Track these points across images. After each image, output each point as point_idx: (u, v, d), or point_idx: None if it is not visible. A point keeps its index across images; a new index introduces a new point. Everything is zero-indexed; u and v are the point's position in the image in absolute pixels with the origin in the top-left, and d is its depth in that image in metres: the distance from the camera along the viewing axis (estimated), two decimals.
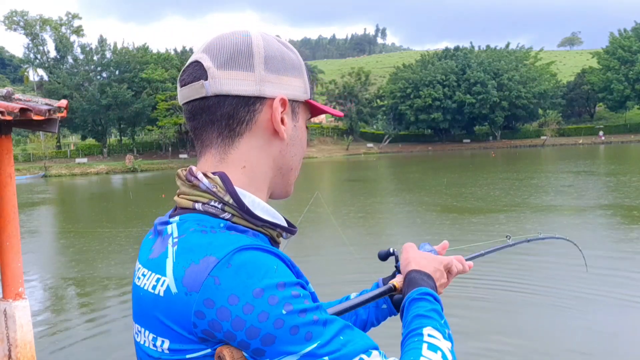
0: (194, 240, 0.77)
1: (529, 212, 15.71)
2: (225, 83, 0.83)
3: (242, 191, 0.85)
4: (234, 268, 0.71)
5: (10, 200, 4.88)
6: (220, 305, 0.69)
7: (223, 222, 0.81)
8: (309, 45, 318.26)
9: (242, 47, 0.85)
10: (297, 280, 0.75)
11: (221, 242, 0.75)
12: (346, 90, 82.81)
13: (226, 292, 0.69)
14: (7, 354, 4.83)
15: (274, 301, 0.69)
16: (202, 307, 0.70)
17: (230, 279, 0.70)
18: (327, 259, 10.85)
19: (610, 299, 7.46)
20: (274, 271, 0.72)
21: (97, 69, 74.20)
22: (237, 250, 0.73)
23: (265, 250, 0.76)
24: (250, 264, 0.72)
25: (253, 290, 0.69)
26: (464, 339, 5.97)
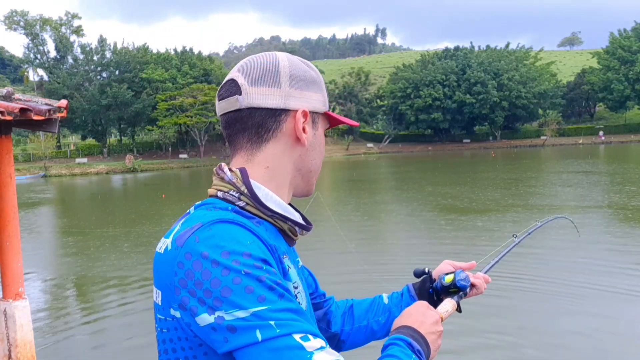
0: (198, 213, 0.93)
1: (529, 212, 15.70)
2: (256, 97, 0.98)
3: (259, 185, 0.99)
4: (213, 232, 0.84)
5: (10, 200, 4.88)
6: (196, 259, 0.82)
7: (233, 207, 0.95)
8: (309, 45, 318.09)
9: (270, 67, 1.00)
10: (265, 258, 0.85)
11: (213, 215, 0.90)
12: (346, 90, 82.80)
13: (201, 248, 0.82)
14: (7, 354, 4.83)
15: (237, 263, 0.81)
16: (183, 258, 0.83)
17: (207, 239, 0.83)
18: (327, 259, 10.84)
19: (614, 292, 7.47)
20: (245, 244, 0.84)
21: (97, 69, 74.24)
22: (220, 221, 0.87)
23: (246, 228, 0.88)
24: (227, 232, 0.85)
25: (222, 251, 0.81)
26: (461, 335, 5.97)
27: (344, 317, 1.35)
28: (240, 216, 0.93)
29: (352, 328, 1.32)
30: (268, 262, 0.85)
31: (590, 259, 9.74)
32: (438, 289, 1.27)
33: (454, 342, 5.85)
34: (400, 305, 1.31)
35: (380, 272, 9.30)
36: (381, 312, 1.33)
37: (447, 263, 1.34)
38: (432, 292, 1.30)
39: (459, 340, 5.98)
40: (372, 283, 8.54)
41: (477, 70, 77.83)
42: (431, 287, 1.30)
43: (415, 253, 11.42)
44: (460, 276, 1.24)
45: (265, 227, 0.97)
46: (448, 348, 5.63)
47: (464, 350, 5.89)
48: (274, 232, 0.99)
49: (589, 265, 9.24)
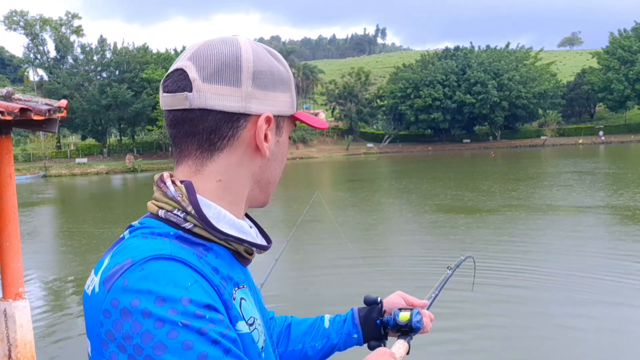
0: (131, 243, 0.77)
1: (528, 212, 15.71)
2: (210, 98, 0.80)
3: (208, 202, 0.83)
4: (145, 273, 0.69)
5: (10, 200, 4.88)
6: (124, 307, 0.67)
7: (176, 231, 0.80)
8: (309, 45, 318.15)
9: (230, 60, 0.82)
10: (210, 303, 0.70)
11: (147, 247, 0.74)
12: (346, 90, 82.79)
13: (131, 294, 0.68)
14: (7, 354, 4.83)
15: (173, 313, 0.66)
16: (110, 306, 0.69)
17: (138, 282, 0.69)
18: (328, 259, 10.85)
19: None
20: (185, 287, 0.69)
21: (97, 69, 74.24)
22: (154, 257, 0.72)
23: (188, 265, 0.73)
24: (162, 272, 0.70)
25: (156, 298, 0.67)
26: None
27: (280, 337, 1.21)
28: (181, 247, 0.76)
29: (286, 350, 1.19)
30: (213, 308, 0.71)
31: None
32: (388, 324, 1.19)
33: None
34: (340, 332, 1.21)
35: (379, 271, 9.30)
36: (320, 336, 1.21)
37: (399, 295, 1.25)
38: (380, 324, 1.20)
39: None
40: (370, 284, 8.54)
41: (477, 70, 77.84)
42: (380, 319, 1.20)
43: (415, 252, 11.42)
44: (417, 317, 1.17)
45: (216, 252, 0.82)
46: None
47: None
48: (227, 257, 0.84)
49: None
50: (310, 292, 8.72)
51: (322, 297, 8.37)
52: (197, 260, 0.76)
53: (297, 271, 10.05)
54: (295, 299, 8.27)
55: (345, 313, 1.25)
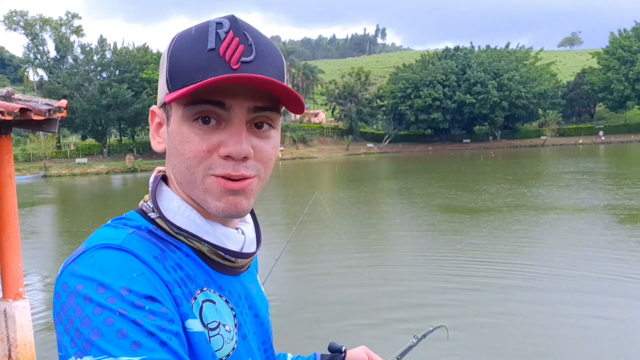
0: (99, 231, 0.78)
1: (528, 212, 15.72)
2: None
3: (173, 195, 0.82)
4: (93, 260, 0.70)
5: (10, 200, 4.89)
6: (71, 291, 0.68)
7: (148, 226, 0.80)
8: (309, 45, 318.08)
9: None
10: (152, 295, 0.69)
11: (104, 236, 0.74)
12: (346, 90, 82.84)
13: (77, 280, 0.69)
14: (7, 354, 4.84)
15: (112, 301, 0.67)
16: (60, 288, 0.70)
17: (85, 268, 0.69)
18: (328, 259, 10.85)
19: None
20: (127, 278, 0.69)
21: (97, 69, 74.26)
22: (105, 246, 0.72)
23: (137, 257, 0.72)
24: (108, 261, 0.70)
25: (98, 285, 0.67)
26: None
27: None
28: (141, 239, 0.76)
29: None
30: (156, 300, 0.69)
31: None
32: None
33: None
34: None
35: (379, 272, 9.30)
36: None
37: (364, 350, 1.23)
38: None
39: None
40: (370, 283, 8.55)
41: (477, 70, 77.87)
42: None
43: (415, 252, 11.43)
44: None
45: (186, 252, 0.80)
46: None
47: None
48: (196, 261, 0.80)
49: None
50: (310, 292, 8.73)
51: (322, 297, 8.37)
52: (155, 255, 0.75)
53: (297, 271, 10.05)
54: (295, 298, 8.27)
55: (308, 356, 1.23)
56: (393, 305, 7.62)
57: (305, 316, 7.41)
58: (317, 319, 7.32)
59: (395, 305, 7.58)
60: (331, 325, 6.98)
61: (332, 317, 7.33)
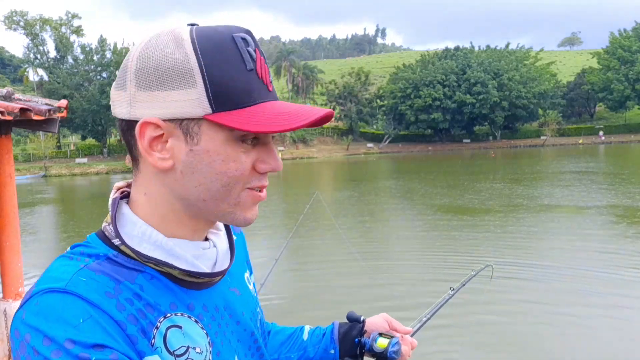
0: (53, 264, 0.75)
1: (527, 212, 15.72)
2: (114, 105, 0.77)
3: (135, 219, 0.78)
4: (38, 307, 0.67)
5: (10, 200, 4.89)
6: (21, 339, 0.67)
7: (107, 252, 0.76)
8: (309, 45, 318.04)
9: (125, 61, 0.76)
10: (98, 343, 0.66)
11: (52, 275, 0.71)
12: (346, 90, 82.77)
13: (26, 328, 0.67)
14: (7, 354, 4.83)
15: (57, 355, 0.64)
16: (12, 334, 0.69)
17: (31, 316, 0.67)
18: (328, 259, 10.85)
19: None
20: (73, 325, 0.66)
21: (97, 68, 74.21)
22: (50, 290, 0.68)
23: (83, 299, 0.68)
24: (53, 309, 0.67)
25: (43, 338, 0.65)
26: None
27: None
28: (93, 274, 0.71)
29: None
30: (105, 346, 0.66)
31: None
32: (365, 347, 1.18)
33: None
34: (317, 346, 1.19)
35: (378, 270, 9.30)
36: (296, 348, 1.19)
37: (384, 318, 1.23)
38: (357, 343, 1.19)
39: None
40: (369, 280, 8.55)
41: (477, 70, 77.81)
42: (358, 338, 1.19)
43: (415, 253, 11.42)
44: (394, 347, 1.14)
45: (150, 275, 0.76)
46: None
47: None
48: (161, 282, 0.77)
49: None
50: (310, 292, 8.73)
51: (321, 297, 8.37)
52: (107, 291, 0.71)
53: (297, 271, 10.05)
54: (294, 298, 8.27)
55: (326, 327, 1.23)
56: (393, 305, 7.62)
57: (306, 316, 7.41)
58: (317, 319, 7.31)
59: (396, 306, 7.58)
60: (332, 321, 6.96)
61: (332, 317, 7.32)
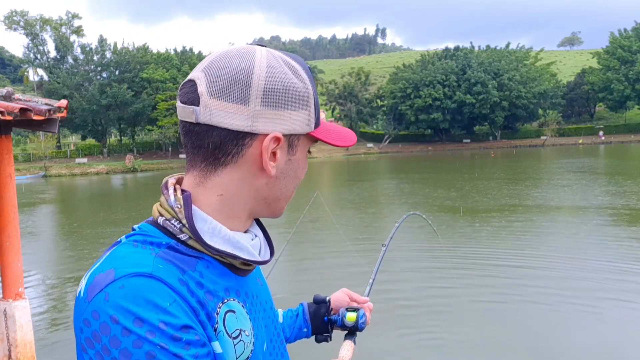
0: (120, 250, 0.78)
1: (527, 213, 15.71)
2: (216, 114, 0.79)
3: (205, 216, 0.83)
4: (125, 290, 0.71)
5: (10, 200, 4.88)
6: (104, 321, 0.70)
7: (169, 241, 0.81)
8: (309, 45, 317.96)
9: (240, 76, 0.79)
10: (187, 324, 0.72)
11: (131, 261, 0.75)
12: (346, 90, 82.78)
13: (111, 310, 0.70)
14: (7, 354, 4.83)
15: (152, 335, 0.69)
16: (90, 316, 0.71)
17: (118, 299, 0.70)
18: (328, 259, 10.85)
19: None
20: (163, 308, 0.71)
21: (97, 69, 74.23)
22: (136, 275, 0.73)
23: (166, 284, 0.73)
24: (142, 292, 0.71)
25: (135, 318, 0.69)
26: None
27: None
28: (164, 262, 0.77)
29: None
30: (191, 328, 0.73)
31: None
32: (335, 323, 1.27)
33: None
34: (293, 327, 1.30)
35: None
36: None
37: (344, 293, 1.33)
38: (327, 321, 1.29)
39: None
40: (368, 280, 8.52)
41: (477, 70, 77.82)
42: (327, 316, 1.30)
43: (415, 252, 11.42)
44: (362, 319, 1.25)
45: (207, 262, 0.82)
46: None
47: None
48: (218, 268, 0.84)
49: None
50: (310, 292, 8.69)
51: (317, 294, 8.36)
52: (179, 277, 0.77)
53: (296, 271, 10.05)
54: (294, 299, 8.26)
55: (296, 308, 1.35)
56: (394, 305, 7.62)
57: None
58: None
59: (396, 306, 7.58)
60: None
61: None
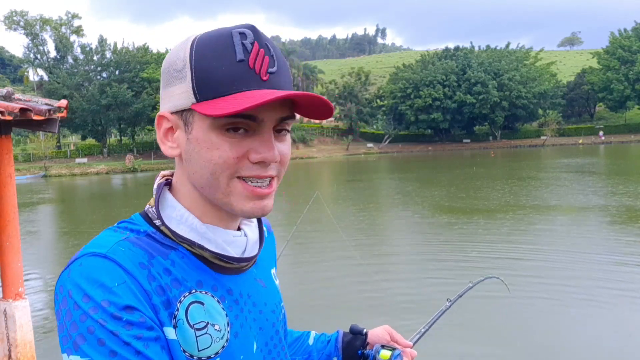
0: (100, 234, 0.84)
1: (527, 212, 15.71)
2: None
3: (175, 204, 0.86)
4: (82, 268, 0.75)
5: (10, 200, 4.88)
6: (64, 295, 0.75)
7: (147, 229, 0.84)
8: (309, 45, 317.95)
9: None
10: (131, 304, 0.74)
11: (97, 242, 0.80)
12: (346, 90, 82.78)
13: (69, 285, 0.75)
14: (7, 354, 4.83)
15: (94, 311, 0.72)
16: (57, 289, 0.77)
17: (75, 276, 0.75)
18: (327, 259, 10.85)
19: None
20: (109, 288, 0.74)
21: (97, 69, 74.18)
22: (93, 254, 0.77)
23: (119, 265, 0.76)
24: (93, 271, 0.75)
25: (83, 295, 0.73)
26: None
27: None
28: (131, 246, 0.80)
29: None
30: (135, 309, 0.74)
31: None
32: (368, 358, 1.24)
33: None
34: (322, 352, 1.25)
35: (377, 270, 9.30)
36: (302, 351, 1.24)
37: (386, 330, 1.28)
38: (360, 355, 1.25)
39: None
40: (369, 282, 8.54)
41: (478, 71, 77.82)
42: (361, 350, 1.26)
43: (415, 253, 11.42)
44: (397, 359, 1.21)
45: (181, 254, 0.83)
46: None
47: None
48: (192, 261, 0.84)
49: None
50: (310, 292, 8.72)
51: (321, 297, 8.37)
52: (141, 262, 0.79)
53: (296, 271, 10.05)
54: (294, 299, 8.27)
55: (330, 334, 1.28)
56: (395, 306, 7.62)
57: (306, 315, 7.41)
58: (317, 318, 7.31)
59: (396, 306, 7.58)
60: (331, 324, 6.97)
61: (332, 316, 7.33)
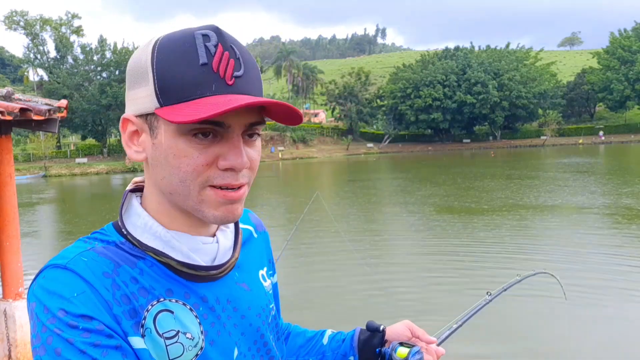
0: (74, 244, 0.82)
1: (527, 213, 15.72)
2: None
3: (140, 212, 0.85)
4: (43, 281, 0.76)
5: (10, 200, 4.89)
6: (30, 308, 0.76)
7: (116, 239, 0.83)
8: (309, 45, 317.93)
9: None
10: (87, 314, 0.73)
11: (62, 254, 0.79)
12: (346, 90, 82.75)
13: (32, 298, 0.76)
14: (7, 354, 4.84)
15: (51, 322, 0.72)
16: (27, 302, 0.78)
17: (38, 288, 0.76)
18: (328, 259, 10.85)
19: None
20: (66, 298, 0.73)
21: (97, 68, 74.17)
22: (54, 266, 0.77)
23: (79, 276, 0.75)
24: (53, 282, 0.75)
25: (43, 307, 0.73)
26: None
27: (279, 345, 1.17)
28: (95, 256, 0.79)
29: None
30: (92, 318, 0.73)
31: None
32: (385, 357, 1.14)
33: None
34: (336, 352, 1.17)
35: (378, 272, 9.30)
36: (315, 352, 1.18)
37: (406, 326, 1.17)
38: (378, 353, 1.15)
39: None
40: (370, 283, 8.54)
41: (478, 70, 77.80)
42: (379, 348, 1.16)
43: (414, 253, 11.42)
44: (415, 357, 1.09)
45: (150, 262, 0.82)
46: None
47: None
48: (160, 270, 0.82)
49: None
50: (310, 292, 8.72)
51: (321, 297, 8.37)
52: (106, 271, 0.78)
53: (296, 271, 10.05)
54: (294, 299, 8.27)
55: (347, 332, 1.21)
56: (394, 307, 7.63)
57: (306, 316, 7.41)
58: (317, 319, 7.32)
59: (397, 307, 7.58)
60: (331, 324, 6.97)
61: (332, 316, 7.33)
